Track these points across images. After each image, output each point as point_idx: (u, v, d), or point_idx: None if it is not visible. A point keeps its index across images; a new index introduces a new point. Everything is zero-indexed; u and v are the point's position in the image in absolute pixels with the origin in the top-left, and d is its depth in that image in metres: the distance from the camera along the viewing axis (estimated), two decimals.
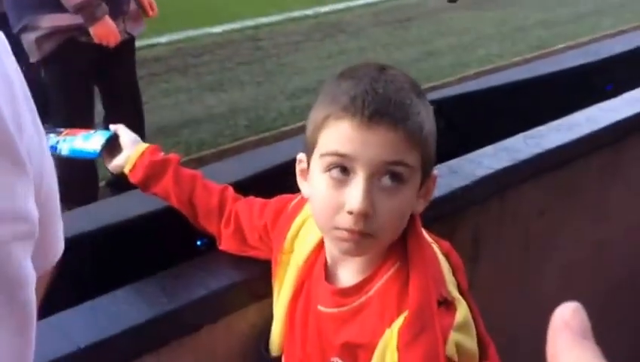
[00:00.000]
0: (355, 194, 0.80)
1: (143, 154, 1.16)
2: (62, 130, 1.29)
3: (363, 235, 0.82)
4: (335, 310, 0.90)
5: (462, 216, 1.44)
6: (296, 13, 6.71)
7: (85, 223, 1.28)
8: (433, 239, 0.97)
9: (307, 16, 6.72)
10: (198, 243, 1.31)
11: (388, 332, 0.82)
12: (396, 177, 0.82)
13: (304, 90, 4.85)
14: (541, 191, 1.58)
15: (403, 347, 0.80)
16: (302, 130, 0.94)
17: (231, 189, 1.17)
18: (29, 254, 0.45)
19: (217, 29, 6.16)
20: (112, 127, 1.24)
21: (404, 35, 6.21)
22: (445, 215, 1.35)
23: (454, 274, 0.93)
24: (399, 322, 0.82)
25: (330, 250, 0.92)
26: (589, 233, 1.76)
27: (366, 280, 0.88)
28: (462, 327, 0.83)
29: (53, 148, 1.21)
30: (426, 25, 6.48)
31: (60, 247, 0.54)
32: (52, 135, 1.24)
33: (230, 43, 5.97)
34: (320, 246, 0.95)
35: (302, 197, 1.00)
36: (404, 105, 0.83)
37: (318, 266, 0.95)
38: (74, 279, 1.07)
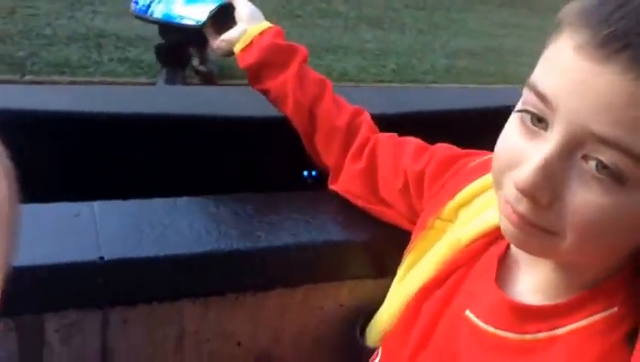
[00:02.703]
0: (533, 160, 0.48)
1: (263, 32, 0.94)
2: None
3: (534, 226, 0.50)
4: (504, 333, 0.58)
5: None
6: None
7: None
8: None
9: None
10: (305, 173, 0.99)
11: None
12: (608, 169, 0.46)
13: (467, 52, 4.47)
14: None
15: None
16: None
17: (367, 115, 0.93)
18: None
19: None
20: None
21: None
22: None
23: None
24: None
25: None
26: None
27: (559, 307, 0.55)
28: None
29: (144, 10, 1.01)
30: None
31: None
32: None
33: None
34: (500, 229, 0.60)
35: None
36: None
37: (486, 258, 0.64)
38: None
